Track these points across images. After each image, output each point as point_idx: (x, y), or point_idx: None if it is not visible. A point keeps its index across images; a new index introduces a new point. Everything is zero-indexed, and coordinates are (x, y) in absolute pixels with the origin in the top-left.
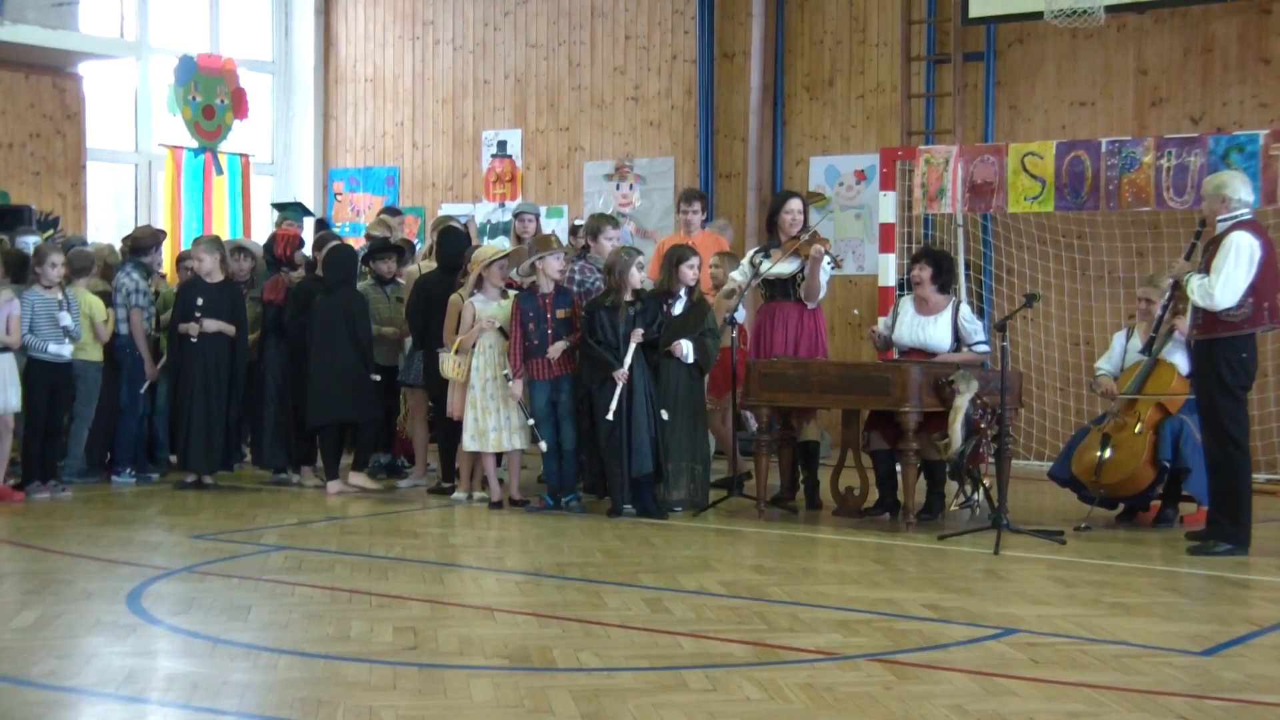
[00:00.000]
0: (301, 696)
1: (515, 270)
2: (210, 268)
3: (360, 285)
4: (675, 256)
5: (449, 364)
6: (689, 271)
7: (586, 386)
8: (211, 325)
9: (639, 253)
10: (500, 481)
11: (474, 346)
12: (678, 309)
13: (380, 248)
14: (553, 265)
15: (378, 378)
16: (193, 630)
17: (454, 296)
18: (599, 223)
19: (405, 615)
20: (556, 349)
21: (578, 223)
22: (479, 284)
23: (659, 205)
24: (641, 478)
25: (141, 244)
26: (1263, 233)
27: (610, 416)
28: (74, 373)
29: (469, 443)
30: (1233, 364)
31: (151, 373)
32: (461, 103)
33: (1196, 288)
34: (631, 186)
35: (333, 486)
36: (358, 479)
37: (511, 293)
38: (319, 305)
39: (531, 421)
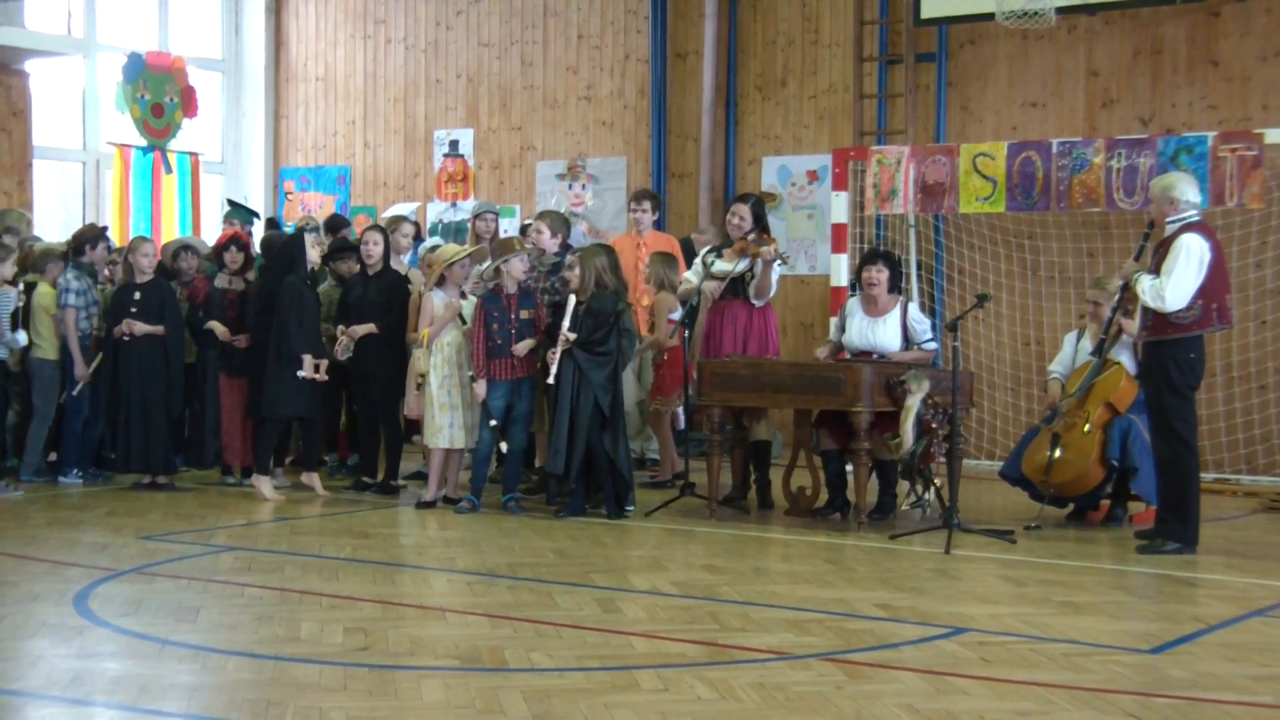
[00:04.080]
0: (251, 698)
1: (478, 272)
2: (149, 266)
3: (323, 286)
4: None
5: (423, 359)
6: (567, 273)
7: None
8: (139, 328)
9: (601, 251)
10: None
11: (432, 344)
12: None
13: (340, 247)
14: (516, 267)
15: (303, 373)
16: (141, 632)
17: (414, 295)
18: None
19: (356, 616)
20: (523, 346)
21: (528, 222)
22: (440, 282)
23: (611, 205)
24: (603, 480)
25: (79, 242)
26: (1212, 234)
27: (550, 380)
28: (30, 370)
29: (428, 439)
30: (1181, 364)
31: (80, 372)
32: (413, 102)
33: (1148, 289)
34: (584, 186)
35: (257, 482)
36: (310, 479)
37: (471, 296)
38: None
39: (494, 423)
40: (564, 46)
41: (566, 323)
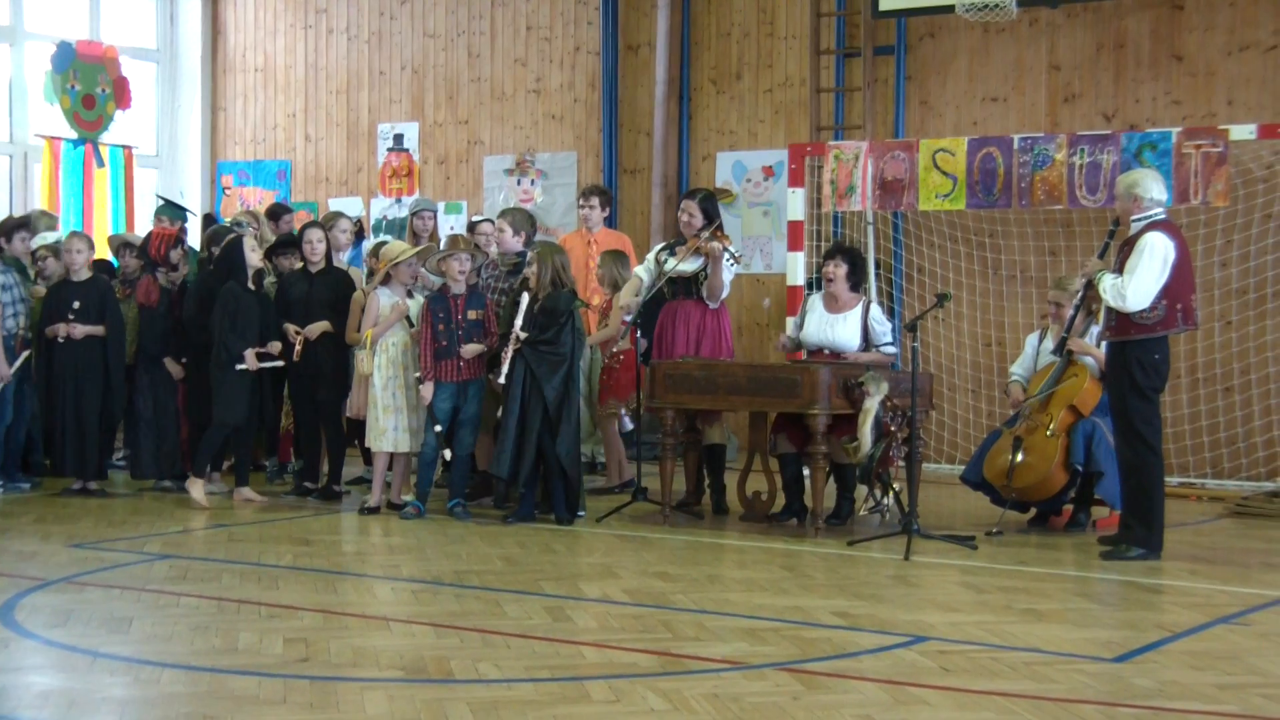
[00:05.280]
0: (186, 712)
1: (425, 268)
2: (83, 263)
3: (266, 281)
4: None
5: (367, 361)
6: (525, 269)
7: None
8: (80, 331)
9: (553, 250)
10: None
11: (376, 344)
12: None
13: (283, 242)
14: (453, 267)
15: (241, 366)
16: (70, 644)
17: (356, 295)
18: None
19: (296, 626)
20: (471, 349)
21: (475, 219)
22: (385, 281)
23: (561, 201)
24: (554, 485)
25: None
26: (1177, 233)
27: (502, 380)
28: None
29: (372, 442)
30: (1145, 366)
31: (2, 374)
32: (356, 94)
33: (1109, 287)
34: (533, 182)
35: (191, 485)
36: (240, 494)
37: (419, 294)
38: None
39: (439, 429)
40: (512, 38)
41: (519, 321)
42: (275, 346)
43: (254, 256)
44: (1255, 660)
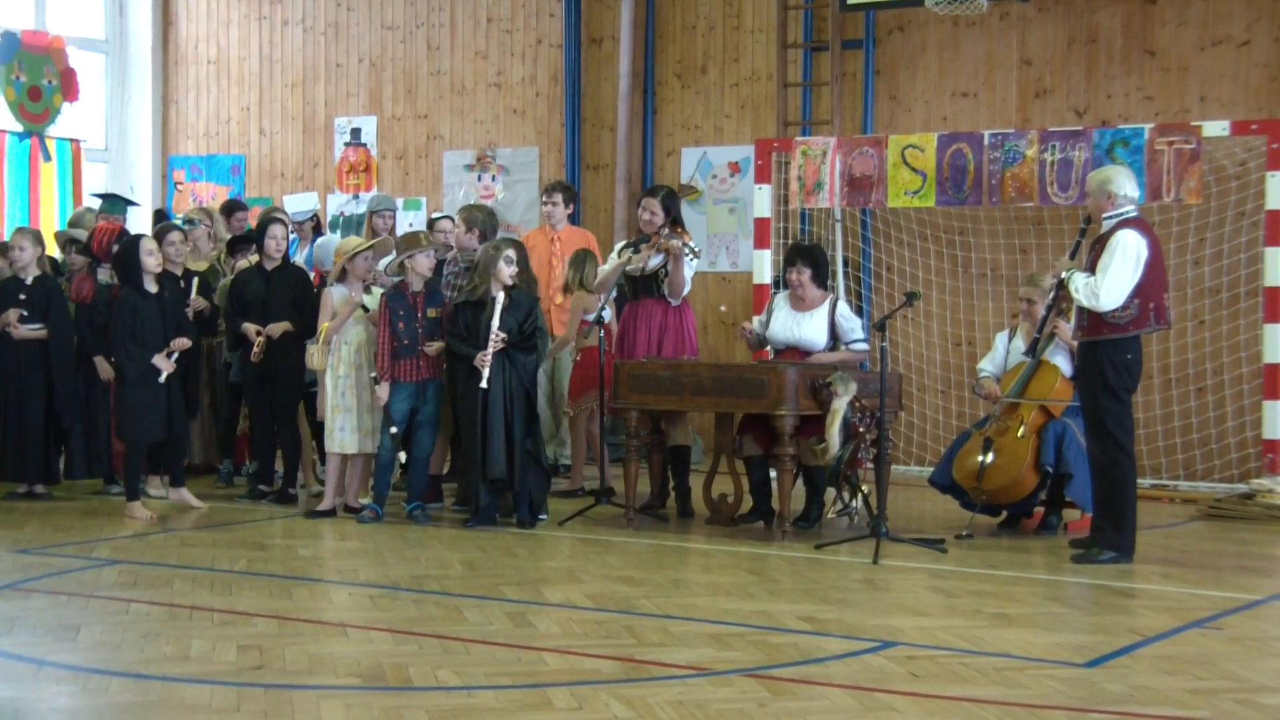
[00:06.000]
0: None
1: (382, 266)
2: (29, 260)
3: (223, 282)
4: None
5: (319, 357)
6: (505, 268)
7: (456, 388)
8: (23, 333)
9: (510, 244)
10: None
11: (330, 342)
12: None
13: (241, 238)
14: (422, 263)
15: (164, 374)
16: (15, 653)
17: (326, 291)
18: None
19: (250, 632)
20: (433, 346)
21: (435, 215)
22: (341, 276)
23: (523, 198)
24: (518, 488)
25: None
26: (1150, 231)
27: (484, 384)
28: None
29: (326, 442)
30: (1118, 366)
31: None
32: (312, 87)
33: (1081, 287)
34: (494, 178)
35: (128, 509)
36: (178, 495)
37: (376, 289)
38: None
39: (394, 430)
40: (473, 30)
41: (496, 321)
42: (180, 343)
43: (151, 260)
44: (1228, 665)
